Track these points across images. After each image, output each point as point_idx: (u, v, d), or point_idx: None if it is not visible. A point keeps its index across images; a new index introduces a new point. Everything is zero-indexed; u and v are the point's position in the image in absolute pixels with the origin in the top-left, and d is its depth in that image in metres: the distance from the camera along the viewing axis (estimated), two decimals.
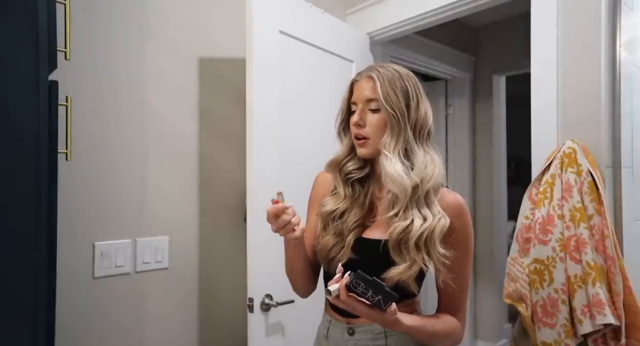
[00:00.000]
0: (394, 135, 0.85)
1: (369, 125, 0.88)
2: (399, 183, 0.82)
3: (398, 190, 0.82)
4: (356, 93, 0.90)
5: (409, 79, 0.89)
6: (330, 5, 1.88)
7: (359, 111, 0.89)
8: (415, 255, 0.80)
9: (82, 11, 1.25)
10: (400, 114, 0.85)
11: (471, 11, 1.69)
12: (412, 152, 0.86)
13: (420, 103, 0.88)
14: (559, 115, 1.31)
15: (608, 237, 1.13)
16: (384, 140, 0.86)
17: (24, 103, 0.75)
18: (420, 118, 0.87)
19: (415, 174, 0.83)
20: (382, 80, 0.86)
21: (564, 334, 1.14)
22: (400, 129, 0.85)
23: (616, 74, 1.23)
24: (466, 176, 2.79)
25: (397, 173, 0.82)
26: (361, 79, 0.90)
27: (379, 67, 0.90)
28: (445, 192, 0.89)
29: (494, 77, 2.81)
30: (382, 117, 0.86)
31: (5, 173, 0.73)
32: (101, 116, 1.30)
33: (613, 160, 1.24)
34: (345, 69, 1.78)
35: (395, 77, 0.87)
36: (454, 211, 0.87)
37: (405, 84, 0.87)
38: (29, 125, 0.75)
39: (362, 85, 0.89)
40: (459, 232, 0.86)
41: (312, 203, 1.05)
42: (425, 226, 0.81)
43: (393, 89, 0.85)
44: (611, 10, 1.25)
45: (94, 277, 1.28)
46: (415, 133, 0.87)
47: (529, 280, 1.22)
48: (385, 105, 0.85)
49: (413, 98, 0.87)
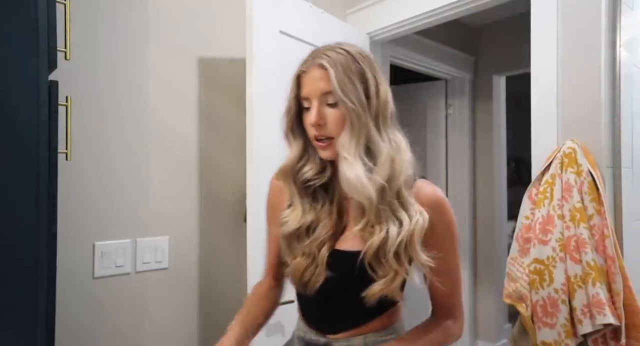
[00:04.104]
0: (354, 133, 0.72)
1: (331, 123, 0.74)
2: (361, 191, 0.70)
3: (362, 198, 0.71)
4: (307, 86, 0.76)
5: (364, 59, 0.76)
6: (330, 5, 1.88)
7: (315, 108, 0.74)
8: (397, 266, 0.72)
9: (82, 11, 1.25)
10: (361, 107, 0.72)
11: (471, 11, 1.69)
12: (375, 146, 0.73)
13: (379, 86, 0.76)
14: (559, 115, 1.31)
15: (608, 237, 1.13)
16: (341, 140, 0.73)
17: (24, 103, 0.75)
18: (382, 104, 0.75)
19: (381, 174, 0.71)
20: (335, 68, 0.72)
21: (564, 334, 1.14)
22: (362, 124, 0.72)
23: (616, 74, 1.23)
24: (466, 176, 2.79)
25: (358, 180, 0.70)
26: (310, 68, 0.76)
27: (327, 50, 0.76)
28: (421, 184, 0.78)
29: (494, 77, 2.81)
30: (341, 111, 0.73)
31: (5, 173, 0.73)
32: (101, 116, 1.30)
33: (613, 160, 1.24)
34: None
35: (349, 61, 0.74)
36: (433, 207, 0.76)
37: (361, 67, 0.74)
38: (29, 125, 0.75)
39: (313, 75, 0.75)
40: (441, 229, 0.77)
41: (271, 213, 0.91)
42: (402, 232, 0.71)
43: (349, 77, 0.72)
44: (611, 10, 1.25)
45: (94, 277, 1.28)
46: (377, 123, 0.75)
47: (529, 280, 1.22)
48: (344, 99, 0.71)
49: (372, 83, 0.74)
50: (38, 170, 0.76)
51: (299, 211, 0.80)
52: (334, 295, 0.79)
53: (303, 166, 0.80)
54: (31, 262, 0.75)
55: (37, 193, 0.76)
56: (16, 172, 0.74)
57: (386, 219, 0.72)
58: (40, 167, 0.76)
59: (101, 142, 1.30)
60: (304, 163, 0.80)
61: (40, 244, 0.76)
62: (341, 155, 0.73)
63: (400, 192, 0.74)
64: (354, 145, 0.72)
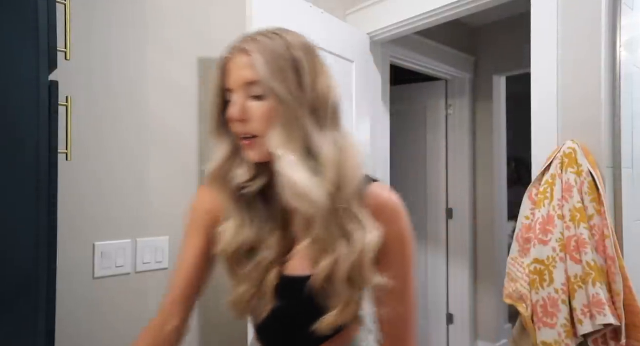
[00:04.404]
0: (287, 128, 0.61)
1: (255, 118, 0.63)
2: (307, 197, 0.59)
3: (308, 206, 0.60)
4: (230, 75, 0.65)
5: (301, 46, 0.66)
6: (330, 5, 1.87)
7: (238, 100, 0.64)
8: (350, 293, 0.63)
9: (82, 11, 1.25)
10: (293, 98, 0.61)
11: (471, 11, 1.69)
12: (315, 146, 0.62)
13: (318, 77, 0.65)
14: (559, 115, 1.31)
15: (608, 237, 1.13)
16: (273, 137, 0.62)
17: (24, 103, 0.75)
18: (321, 98, 0.64)
19: (327, 177, 0.61)
20: (262, 54, 0.62)
21: (564, 334, 1.14)
22: (295, 119, 0.62)
23: (616, 74, 1.23)
24: (466, 176, 2.79)
25: (301, 185, 0.59)
26: (235, 54, 0.65)
27: (258, 34, 0.65)
28: (373, 189, 0.67)
29: (494, 77, 2.81)
30: (269, 105, 0.62)
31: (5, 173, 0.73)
32: (101, 116, 1.30)
33: (613, 160, 1.24)
34: (346, 69, 1.78)
35: (279, 46, 0.63)
36: (387, 215, 0.65)
37: (296, 55, 0.63)
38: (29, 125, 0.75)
39: (237, 63, 0.64)
40: (394, 243, 0.66)
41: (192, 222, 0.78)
42: (354, 251, 0.61)
43: (279, 65, 0.62)
44: (611, 10, 1.25)
45: (94, 277, 1.28)
46: (316, 119, 0.64)
47: (529, 280, 1.22)
48: (272, 87, 0.61)
49: (307, 72, 0.64)
50: (38, 170, 0.76)
51: (233, 225, 0.68)
52: (283, 325, 0.71)
53: (233, 169, 0.68)
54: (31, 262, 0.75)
55: (37, 193, 0.76)
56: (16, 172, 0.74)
57: (336, 235, 0.62)
58: (40, 167, 0.76)
59: (101, 142, 1.30)
60: (234, 166, 0.68)
61: (40, 244, 0.76)
62: (276, 154, 0.61)
63: (350, 202, 0.63)
64: (289, 141, 0.61)
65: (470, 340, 2.76)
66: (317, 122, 0.64)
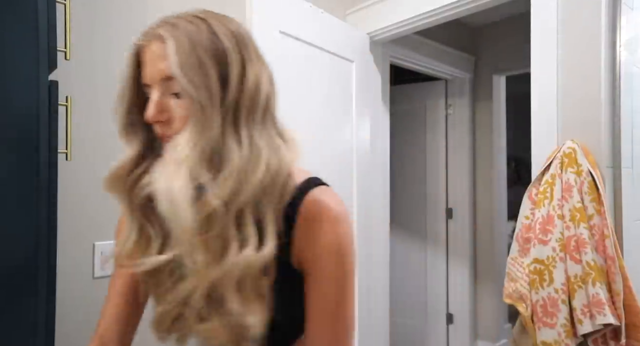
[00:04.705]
0: (195, 134, 0.52)
1: (179, 118, 0.55)
2: (172, 212, 0.50)
3: (172, 222, 0.51)
4: (145, 67, 0.56)
5: (229, 34, 0.56)
6: (330, 5, 1.87)
7: (156, 98, 0.55)
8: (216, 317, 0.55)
9: (82, 11, 1.25)
10: (208, 98, 0.53)
11: (471, 11, 1.69)
12: (225, 152, 0.53)
13: (247, 70, 0.56)
14: (559, 115, 1.31)
15: (608, 237, 1.13)
16: (175, 141, 0.53)
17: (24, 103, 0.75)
18: (249, 94, 0.55)
19: (218, 192, 0.51)
20: (178, 42, 0.53)
21: (564, 334, 1.14)
22: (205, 122, 0.53)
23: (616, 74, 1.23)
24: (466, 176, 2.79)
25: (170, 195, 0.50)
26: (149, 41, 0.56)
27: (177, 18, 0.57)
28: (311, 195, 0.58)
29: (494, 77, 2.81)
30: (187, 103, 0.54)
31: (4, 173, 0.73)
32: (101, 116, 1.30)
33: (613, 160, 1.24)
34: (346, 69, 1.78)
35: (202, 34, 0.54)
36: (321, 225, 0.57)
37: (221, 43, 0.55)
38: (29, 125, 0.75)
39: (152, 52, 0.55)
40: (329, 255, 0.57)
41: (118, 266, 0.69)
42: (215, 270, 0.52)
43: (198, 55, 0.53)
44: (611, 10, 1.25)
45: (94, 277, 1.28)
46: (235, 120, 0.55)
47: (529, 280, 1.22)
48: (186, 86, 0.52)
49: (235, 66, 0.55)
50: (38, 170, 0.76)
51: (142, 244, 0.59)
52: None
53: (143, 174, 0.58)
54: (31, 262, 0.75)
55: (37, 193, 0.76)
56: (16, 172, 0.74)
57: (212, 250, 0.53)
58: (40, 167, 0.76)
59: (101, 142, 1.30)
60: (144, 170, 0.59)
61: (40, 244, 0.76)
62: (164, 158, 0.53)
63: (240, 215, 0.54)
64: (189, 149, 0.52)
65: (470, 340, 2.76)
66: (236, 123, 0.55)
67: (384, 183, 2.12)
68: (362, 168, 1.86)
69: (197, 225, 0.51)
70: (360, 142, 1.86)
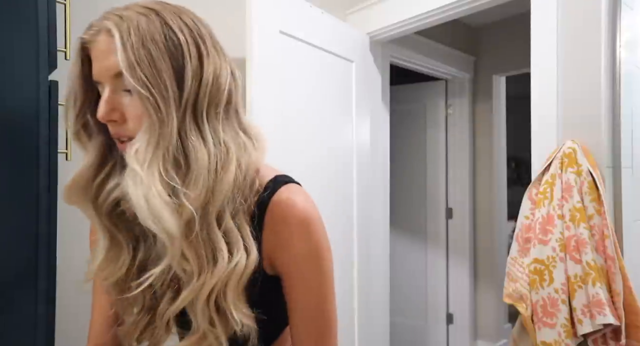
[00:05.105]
0: (152, 134, 0.50)
1: (132, 117, 0.52)
2: (156, 222, 0.49)
3: (159, 231, 0.49)
4: (94, 63, 0.53)
5: (184, 26, 0.53)
6: (330, 5, 1.87)
7: (107, 96, 0.52)
8: (205, 324, 0.53)
9: (82, 11, 1.25)
10: (161, 96, 0.49)
11: (471, 11, 1.69)
12: (190, 152, 0.51)
13: (205, 65, 0.53)
14: (559, 115, 1.31)
15: (608, 237, 1.13)
16: (133, 145, 0.50)
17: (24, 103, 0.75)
18: (207, 88, 0.52)
19: (192, 195, 0.50)
20: (126, 36, 0.49)
21: (564, 334, 1.14)
22: (162, 122, 0.50)
23: (616, 74, 1.23)
24: (466, 176, 2.79)
25: (149, 205, 0.48)
26: (96, 35, 0.52)
27: (127, 9, 0.52)
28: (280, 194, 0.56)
29: (494, 77, 2.81)
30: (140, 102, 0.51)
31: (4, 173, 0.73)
32: None
33: (613, 160, 1.24)
34: (346, 69, 1.78)
35: (153, 27, 0.50)
36: (292, 227, 0.55)
37: (173, 37, 0.51)
38: (29, 125, 0.75)
39: (100, 47, 0.51)
40: (304, 258, 0.56)
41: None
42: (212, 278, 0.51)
43: (149, 49, 0.49)
44: (611, 10, 1.24)
45: None
46: (195, 118, 0.52)
47: (529, 280, 1.22)
48: (134, 83, 0.49)
49: (191, 60, 0.52)
50: (38, 170, 0.76)
51: (113, 253, 0.58)
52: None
53: (107, 179, 0.56)
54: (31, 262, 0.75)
55: (37, 193, 0.76)
56: (16, 172, 0.74)
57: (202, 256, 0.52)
58: (40, 167, 0.76)
59: None
60: (107, 175, 0.57)
61: (40, 244, 0.76)
62: (129, 166, 0.50)
63: (222, 217, 0.52)
64: (150, 152, 0.49)
65: (470, 340, 2.76)
66: (196, 122, 0.52)
67: (384, 183, 2.12)
68: (362, 168, 1.86)
69: (179, 230, 0.49)
70: (360, 142, 1.86)
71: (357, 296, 1.81)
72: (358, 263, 1.82)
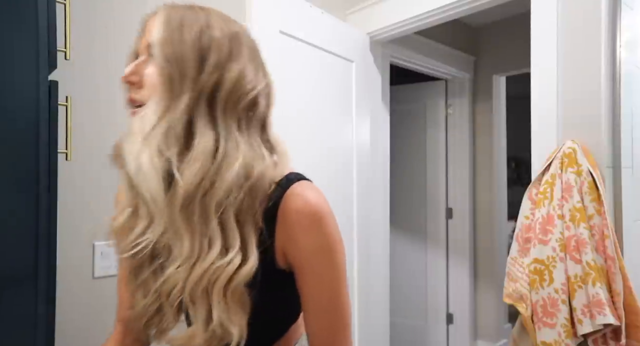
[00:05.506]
0: (164, 100, 0.53)
1: (148, 84, 0.56)
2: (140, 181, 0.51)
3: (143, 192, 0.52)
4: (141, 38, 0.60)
5: (224, 29, 0.58)
6: (330, 5, 1.87)
7: (135, 62, 0.58)
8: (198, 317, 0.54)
9: (82, 11, 1.25)
10: (180, 68, 0.53)
11: (471, 11, 1.69)
12: (198, 132, 0.53)
13: (232, 61, 0.56)
14: (559, 115, 1.31)
15: (608, 237, 1.13)
16: (143, 109, 0.55)
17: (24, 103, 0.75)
18: (226, 82, 0.55)
19: (186, 173, 0.51)
20: (169, 17, 0.55)
21: (564, 334, 1.14)
22: (178, 92, 0.53)
23: (616, 74, 1.23)
24: (466, 176, 2.79)
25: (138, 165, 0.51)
26: (151, 15, 0.60)
27: (183, 4, 0.59)
28: (292, 191, 0.57)
29: (494, 77, 2.81)
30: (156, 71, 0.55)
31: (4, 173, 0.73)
32: (101, 116, 1.30)
33: (613, 160, 1.24)
34: (346, 69, 1.78)
35: (195, 20, 0.56)
36: (305, 223, 0.55)
37: (209, 32, 0.56)
38: (29, 125, 0.75)
39: (149, 24, 0.59)
40: (316, 253, 0.56)
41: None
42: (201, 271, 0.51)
43: (182, 34, 0.54)
44: (611, 10, 1.24)
45: (94, 277, 1.28)
46: (211, 104, 0.55)
47: (529, 280, 1.22)
48: (161, 52, 0.54)
49: (217, 54, 0.56)
50: (38, 170, 0.76)
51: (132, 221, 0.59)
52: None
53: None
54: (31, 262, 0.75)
55: (37, 193, 0.76)
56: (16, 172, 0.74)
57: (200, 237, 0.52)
58: (40, 167, 0.76)
59: (101, 142, 1.30)
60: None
61: (40, 244, 0.76)
62: (131, 128, 0.54)
63: (222, 213, 0.53)
64: (154, 120, 0.52)
65: (470, 340, 2.76)
66: (213, 110, 0.55)
67: (384, 183, 2.12)
68: (362, 168, 1.86)
69: (177, 209, 0.51)
70: (360, 142, 1.86)
71: (357, 297, 1.81)
72: (358, 263, 1.82)
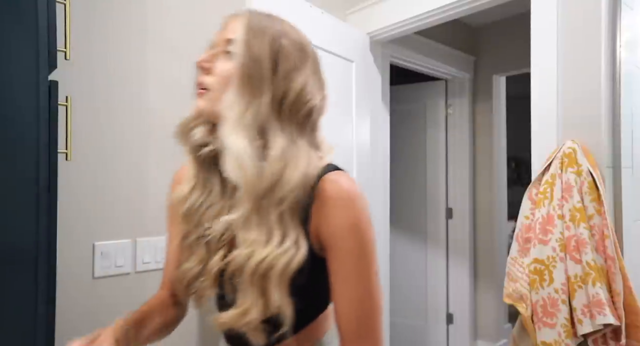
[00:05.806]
0: (245, 95, 0.59)
1: (218, 72, 0.63)
2: (241, 169, 0.57)
3: (241, 179, 0.57)
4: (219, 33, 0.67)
5: (295, 39, 0.64)
6: (330, 5, 1.87)
7: (211, 51, 0.65)
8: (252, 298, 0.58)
9: (82, 11, 1.25)
10: (258, 69, 0.59)
11: (471, 11, 1.69)
12: (270, 133, 0.59)
13: (298, 73, 0.62)
14: (559, 115, 1.31)
15: (608, 237, 1.13)
16: (227, 96, 0.60)
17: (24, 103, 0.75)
18: (292, 91, 0.61)
19: (270, 169, 0.57)
20: (252, 22, 0.62)
21: (564, 334, 1.14)
22: (257, 90, 0.59)
23: (616, 74, 1.23)
24: (466, 176, 2.79)
25: (239, 153, 0.56)
26: (231, 17, 0.68)
27: (264, 13, 0.67)
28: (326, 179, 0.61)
29: (494, 77, 2.81)
30: (233, 66, 0.61)
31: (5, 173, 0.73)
32: (101, 116, 1.30)
33: (613, 160, 1.24)
34: (346, 69, 1.78)
35: (273, 27, 0.63)
36: (339, 205, 0.59)
37: (283, 40, 0.62)
38: (29, 125, 0.75)
39: (229, 23, 0.66)
40: (349, 233, 0.59)
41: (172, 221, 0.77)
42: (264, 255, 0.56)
43: (261, 37, 0.61)
44: (611, 10, 1.24)
45: (94, 277, 1.28)
46: (279, 109, 0.60)
47: (529, 280, 1.22)
48: (242, 50, 0.60)
49: (287, 62, 0.62)
50: (38, 170, 0.76)
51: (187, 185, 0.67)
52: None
53: (195, 126, 0.67)
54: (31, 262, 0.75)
55: (37, 193, 0.76)
56: (16, 172, 0.74)
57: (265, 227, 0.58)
58: (40, 167, 0.76)
59: (101, 142, 1.30)
60: (197, 124, 0.67)
61: (40, 244, 0.76)
62: (224, 115, 0.59)
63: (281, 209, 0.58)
64: (242, 107, 0.58)
65: (470, 340, 2.76)
66: (280, 113, 0.61)
67: (384, 183, 2.12)
68: (362, 168, 1.86)
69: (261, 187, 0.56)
70: (360, 142, 1.86)
71: None
72: None
